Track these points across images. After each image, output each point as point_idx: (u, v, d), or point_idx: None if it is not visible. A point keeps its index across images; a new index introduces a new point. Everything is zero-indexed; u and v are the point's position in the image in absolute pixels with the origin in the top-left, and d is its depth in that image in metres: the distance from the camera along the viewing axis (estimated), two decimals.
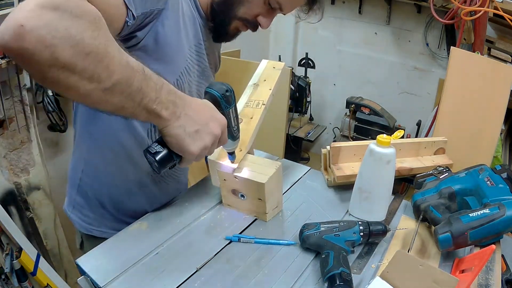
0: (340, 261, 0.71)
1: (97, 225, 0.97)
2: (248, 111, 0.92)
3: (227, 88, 0.71)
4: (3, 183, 1.54)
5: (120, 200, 0.96)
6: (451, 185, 0.87)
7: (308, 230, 0.79)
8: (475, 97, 1.30)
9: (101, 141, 0.89)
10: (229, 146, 0.79)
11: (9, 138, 1.56)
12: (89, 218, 0.97)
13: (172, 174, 1.02)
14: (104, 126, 0.87)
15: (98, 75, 0.50)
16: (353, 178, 0.92)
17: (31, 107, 1.62)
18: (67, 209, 1.01)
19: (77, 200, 0.97)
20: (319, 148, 1.12)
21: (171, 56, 0.80)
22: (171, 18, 0.76)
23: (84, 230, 0.98)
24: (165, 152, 0.65)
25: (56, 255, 1.79)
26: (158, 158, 0.65)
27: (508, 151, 2.00)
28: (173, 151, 0.65)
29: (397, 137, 0.89)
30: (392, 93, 3.01)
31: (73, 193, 0.98)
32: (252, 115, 0.91)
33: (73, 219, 0.99)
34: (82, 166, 0.94)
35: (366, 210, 0.91)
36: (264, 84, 0.97)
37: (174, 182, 1.05)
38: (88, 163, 0.93)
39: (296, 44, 3.38)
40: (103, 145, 0.89)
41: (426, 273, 0.63)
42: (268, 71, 1.00)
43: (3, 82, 1.48)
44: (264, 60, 1.04)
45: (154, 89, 0.57)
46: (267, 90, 0.95)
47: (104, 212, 0.96)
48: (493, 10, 1.59)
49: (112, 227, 0.96)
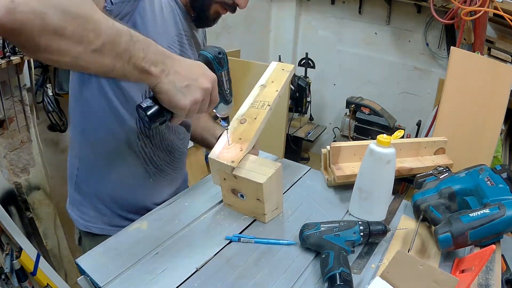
0: (340, 261, 0.71)
1: (95, 221, 0.97)
2: (252, 111, 0.93)
3: (220, 50, 0.73)
4: (3, 183, 1.54)
5: (117, 195, 0.97)
6: (451, 185, 0.87)
7: (308, 230, 0.79)
8: (475, 97, 1.30)
9: (92, 136, 0.91)
10: (222, 110, 0.80)
11: (9, 138, 1.56)
12: (87, 215, 0.97)
13: (168, 163, 1.02)
14: (95, 121, 0.88)
15: (86, 37, 0.53)
16: (353, 178, 0.92)
17: (31, 107, 1.62)
18: (67, 207, 1.02)
19: (75, 197, 0.98)
20: (319, 148, 1.12)
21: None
22: (148, 10, 0.79)
23: (83, 227, 0.98)
24: (156, 107, 0.67)
25: (56, 255, 1.79)
26: (149, 113, 0.66)
27: (508, 151, 2.01)
28: (165, 107, 0.67)
29: (397, 137, 0.89)
30: (392, 93, 3.01)
31: (72, 191, 0.99)
32: (256, 115, 0.91)
33: (73, 217, 1.00)
34: (77, 163, 0.95)
35: (366, 210, 0.91)
36: (271, 85, 0.97)
37: (172, 174, 1.05)
38: (82, 160, 0.95)
39: (296, 44, 3.38)
40: (94, 139, 0.91)
41: (426, 273, 0.63)
42: (277, 73, 1.01)
43: (3, 82, 1.48)
44: (274, 62, 1.05)
45: (141, 49, 0.60)
46: (274, 91, 0.95)
47: (102, 207, 0.97)
48: (493, 10, 1.59)
49: (110, 223, 0.96)
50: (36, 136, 1.66)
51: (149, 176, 0.98)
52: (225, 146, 0.87)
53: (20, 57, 1.39)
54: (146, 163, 0.96)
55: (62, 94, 1.70)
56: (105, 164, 0.93)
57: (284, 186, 1.01)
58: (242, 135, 0.88)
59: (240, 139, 0.88)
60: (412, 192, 0.99)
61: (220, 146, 0.88)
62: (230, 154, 0.85)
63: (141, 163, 0.95)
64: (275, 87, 0.96)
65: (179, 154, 1.06)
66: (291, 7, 3.22)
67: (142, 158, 0.94)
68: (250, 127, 0.90)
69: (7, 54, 1.35)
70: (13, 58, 1.37)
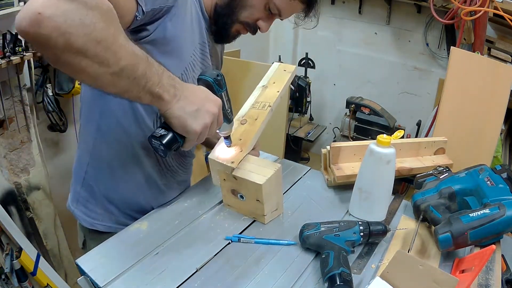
0: (340, 261, 0.71)
1: (102, 219, 0.97)
2: (253, 112, 0.93)
3: (218, 73, 0.76)
4: (3, 183, 1.55)
5: (128, 195, 0.97)
6: (451, 185, 0.87)
7: (308, 230, 0.79)
8: (475, 97, 1.30)
9: (108, 134, 0.90)
10: (224, 129, 0.82)
11: (9, 138, 1.56)
12: (93, 212, 0.97)
13: (180, 165, 1.03)
14: (113, 119, 0.88)
15: (107, 61, 0.56)
16: (353, 178, 0.92)
17: (31, 107, 1.62)
18: (71, 205, 1.01)
19: (82, 194, 0.98)
20: (319, 148, 1.12)
21: (177, 51, 0.84)
22: (179, 16, 0.80)
23: (88, 225, 0.98)
24: (171, 134, 0.69)
25: (56, 255, 1.79)
26: (164, 141, 0.69)
27: (508, 151, 2.00)
28: (177, 132, 0.69)
29: (397, 137, 0.89)
30: (392, 93, 3.01)
31: (78, 187, 0.98)
32: (257, 116, 0.91)
33: (77, 214, 0.99)
34: (88, 160, 0.95)
35: (366, 210, 0.91)
36: (272, 86, 0.97)
37: (182, 176, 1.06)
38: (94, 156, 0.94)
39: (296, 44, 3.38)
40: (110, 138, 0.91)
41: (426, 273, 0.63)
42: (279, 73, 1.01)
43: (3, 82, 1.48)
44: (276, 62, 1.05)
45: (156, 74, 0.63)
46: (275, 92, 0.95)
47: (110, 206, 0.96)
48: (493, 10, 1.59)
49: (117, 222, 0.96)
50: (36, 136, 1.66)
51: (161, 178, 0.98)
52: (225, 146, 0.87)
53: (20, 57, 1.40)
54: (160, 164, 0.96)
55: (62, 94, 1.70)
56: (118, 164, 0.93)
57: (284, 187, 1.01)
58: (242, 136, 0.88)
59: (240, 139, 0.88)
60: (412, 192, 0.99)
61: (221, 146, 0.88)
62: (230, 154, 0.85)
63: (155, 164, 0.95)
64: (276, 88, 0.96)
65: (190, 155, 1.07)
66: None
67: (156, 160, 0.94)
68: (251, 128, 0.90)
69: (7, 54, 1.35)
70: (13, 58, 1.37)
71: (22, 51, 1.39)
